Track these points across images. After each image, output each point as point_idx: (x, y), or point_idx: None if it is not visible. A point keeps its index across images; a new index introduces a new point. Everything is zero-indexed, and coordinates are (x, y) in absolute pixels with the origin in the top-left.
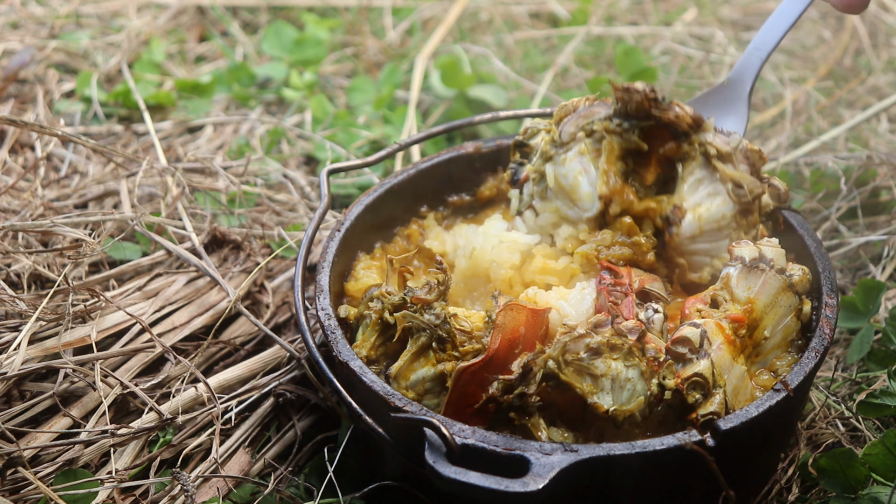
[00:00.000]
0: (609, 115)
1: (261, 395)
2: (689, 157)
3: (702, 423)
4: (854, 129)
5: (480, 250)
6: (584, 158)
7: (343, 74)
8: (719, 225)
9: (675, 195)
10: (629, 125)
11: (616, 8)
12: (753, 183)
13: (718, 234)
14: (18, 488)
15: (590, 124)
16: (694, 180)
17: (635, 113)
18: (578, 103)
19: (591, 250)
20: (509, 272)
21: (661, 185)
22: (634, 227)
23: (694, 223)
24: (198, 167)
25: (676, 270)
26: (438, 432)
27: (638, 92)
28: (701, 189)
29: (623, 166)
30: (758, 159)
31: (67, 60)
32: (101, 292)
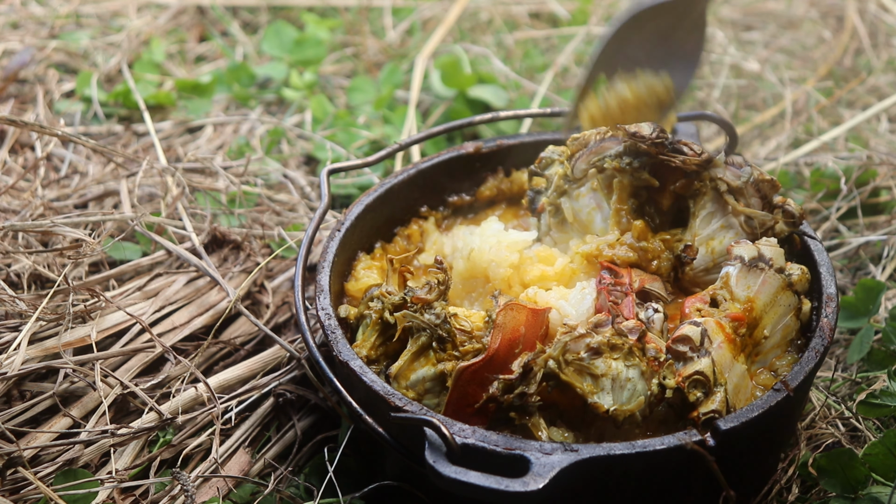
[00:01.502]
0: (619, 152)
1: (261, 395)
2: (701, 192)
3: (702, 422)
4: (854, 129)
5: (478, 251)
6: (598, 195)
7: (343, 74)
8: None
9: (688, 231)
10: (639, 163)
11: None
12: (765, 216)
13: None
14: (18, 488)
15: (600, 161)
16: (706, 214)
17: (644, 153)
18: (590, 138)
19: (593, 250)
20: (508, 271)
21: (677, 213)
22: (646, 231)
23: (707, 256)
24: (198, 167)
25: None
26: (438, 432)
27: (644, 139)
28: (713, 223)
29: (636, 202)
30: (769, 189)
31: (67, 60)
32: (101, 292)
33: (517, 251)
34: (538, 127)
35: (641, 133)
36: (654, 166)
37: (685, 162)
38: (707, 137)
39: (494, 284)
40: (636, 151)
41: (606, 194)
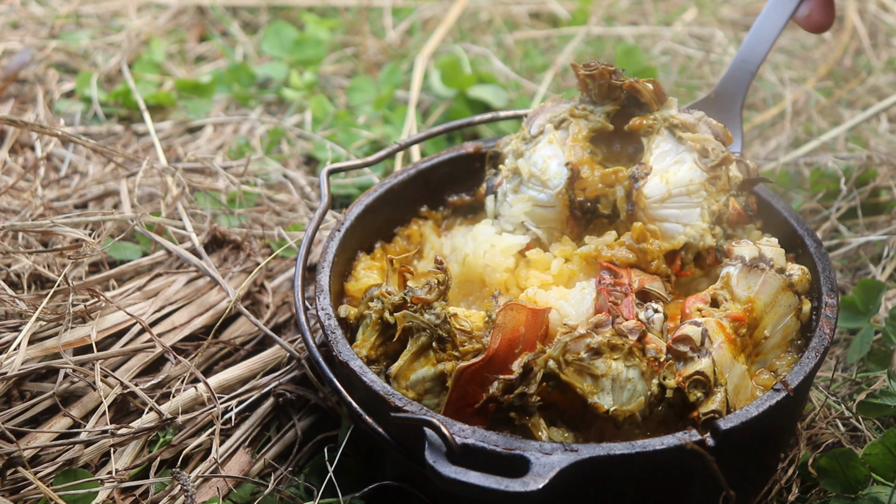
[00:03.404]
0: (575, 104)
1: (261, 395)
2: (654, 130)
3: (702, 422)
4: (854, 129)
5: (473, 255)
6: (554, 145)
7: (343, 74)
8: (688, 190)
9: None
10: (595, 109)
11: (616, 8)
12: (718, 147)
13: (688, 199)
14: (18, 488)
15: (556, 116)
16: (660, 152)
17: (598, 94)
18: (547, 103)
19: (592, 251)
20: (504, 275)
21: (629, 159)
22: (645, 233)
23: (662, 185)
24: (198, 167)
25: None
26: (438, 432)
27: (597, 66)
28: (668, 159)
29: (591, 147)
30: (723, 133)
31: (67, 60)
32: (101, 292)
33: (512, 255)
34: None
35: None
36: (609, 115)
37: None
38: None
39: (491, 289)
40: (592, 101)
41: (562, 143)
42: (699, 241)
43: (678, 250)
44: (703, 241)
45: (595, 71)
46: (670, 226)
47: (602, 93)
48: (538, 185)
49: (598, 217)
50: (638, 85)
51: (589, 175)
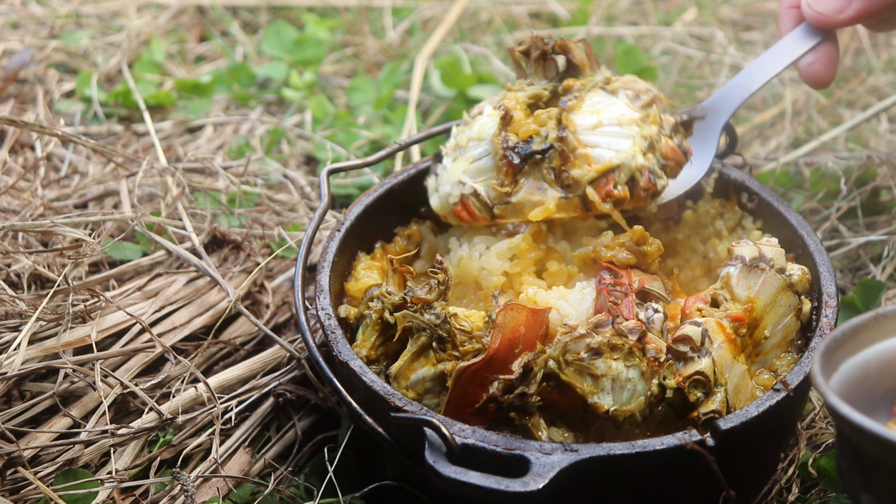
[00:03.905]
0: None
1: (261, 395)
2: (586, 88)
3: (702, 422)
4: (854, 129)
5: (468, 258)
6: (491, 117)
7: (343, 74)
8: (619, 121)
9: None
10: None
11: (616, 8)
12: (650, 89)
13: (619, 129)
14: (18, 488)
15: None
16: (591, 102)
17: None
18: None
19: (590, 252)
20: (501, 279)
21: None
22: (645, 235)
23: (593, 117)
24: (198, 167)
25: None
26: (438, 432)
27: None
28: (600, 104)
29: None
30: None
31: (67, 60)
32: (101, 292)
33: (507, 259)
34: None
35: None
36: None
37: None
38: None
39: (486, 292)
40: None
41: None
42: (630, 161)
43: (610, 171)
44: (635, 160)
45: (527, 45)
46: (600, 151)
47: (538, 68)
48: (474, 144)
49: (532, 156)
50: (568, 43)
51: (521, 118)
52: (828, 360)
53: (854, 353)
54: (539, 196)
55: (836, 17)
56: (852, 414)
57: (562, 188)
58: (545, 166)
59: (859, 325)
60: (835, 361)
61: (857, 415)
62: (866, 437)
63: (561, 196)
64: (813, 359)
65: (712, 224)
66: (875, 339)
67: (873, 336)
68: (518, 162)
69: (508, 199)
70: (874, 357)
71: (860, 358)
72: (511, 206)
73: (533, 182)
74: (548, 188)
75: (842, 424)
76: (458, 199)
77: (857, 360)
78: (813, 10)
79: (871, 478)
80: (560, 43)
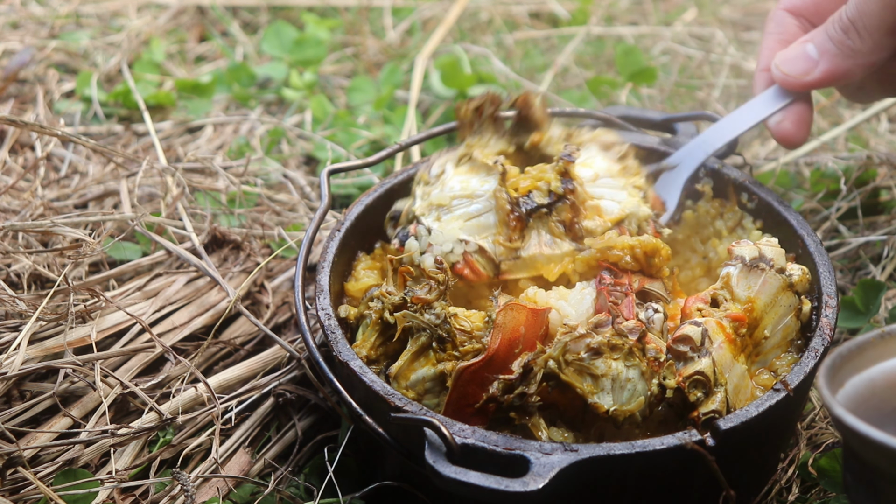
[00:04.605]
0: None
1: (261, 395)
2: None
3: (702, 422)
4: (854, 129)
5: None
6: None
7: (343, 74)
8: (610, 173)
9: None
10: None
11: (616, 8)
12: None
13: (612, 181)
14: (18, 488)
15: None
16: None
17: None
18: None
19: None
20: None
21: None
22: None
23: (587, 170)
24: (198, 167)
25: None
26: (438, 432)
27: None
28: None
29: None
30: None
31: (67, 60)
32: (101, 292)
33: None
34: None
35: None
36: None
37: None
38: None
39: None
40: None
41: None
42: (638, 210)
43: (622, 222)
44: (641, 210)
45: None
46: (606, 203)
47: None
48: (465, 202)
49: (537, 210)
50: (530, 98)
51: (516, 172)
52: (834, 374)
53: (860, 371)
54: (550, 250)
55: (802, 78)
56: (858, 424)
57: (573, 240)
58: (553, 220)
59: (865, 342)
60: (841, 377)
61: (862, 425)
62: (872, 447)
63: (574, 248)
64: (819, 373)
65: (712, 224)
66: (881, 358)
67: (879, 354)
68: (526, 219)
69: (518, 254)
70: (880, 375)
71: (866, 375)
72: (521, 262)
73: (539, 236)
74: (559, 241)
75: (847, 436)
76: (459, 257)
77: (863, 378)
78: (781, 71)
79: (876, 489)
80: (522, 98)
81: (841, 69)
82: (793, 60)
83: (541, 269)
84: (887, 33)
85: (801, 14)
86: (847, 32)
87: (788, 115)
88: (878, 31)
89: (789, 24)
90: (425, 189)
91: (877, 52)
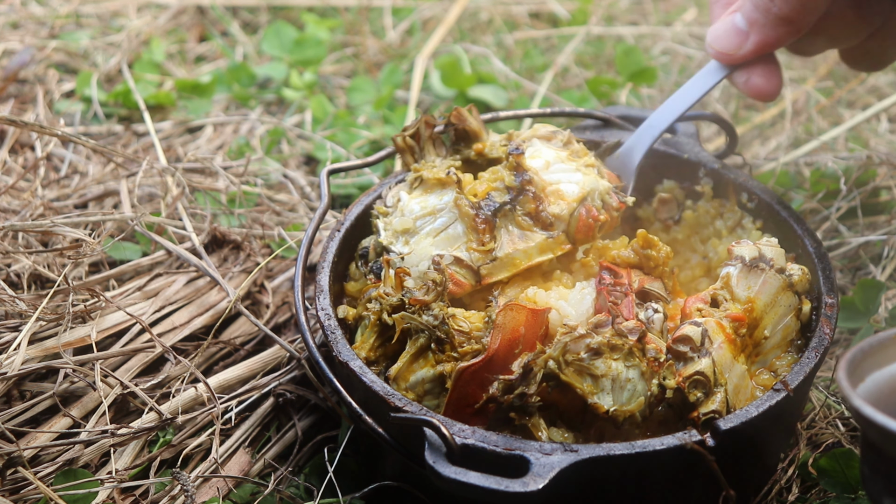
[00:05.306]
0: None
1: (261, 395)
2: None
3: (702, 422)
4: (854, 129)
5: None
6: (419, 197)
7: (343, 74)
8: (559, 158)
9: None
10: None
11: (616, 8)
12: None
13: (564, 165)
14: (18, 488)
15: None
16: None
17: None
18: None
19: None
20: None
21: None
22: (651, 240)
23: (538, 160)
24: (198, 167)
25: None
26: (438, 432)
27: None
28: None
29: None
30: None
31: (67, 60)
32: (101, 292)
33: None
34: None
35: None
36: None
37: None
38: (707, 137)
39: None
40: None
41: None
42: (597, 185)
43: (585, 199)
44: (600, 184)
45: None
46: (565, 186)
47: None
48: (428, 219)
49: (501, 209)
50: (462, 112)
51: (470, 180)
52: (854, 369)
53: (881, 367)
54: (524, 243)
55: (736, 52)
56: (875, 415)
57: (543, 229)
58: (518, 214)
59: (887, 338)
60: (861, 372)
61: (880, 416)
62: (890, 438)
63: (546, 237)
64: (839, 366)
65: (712, 224)
66: None
67: None
68: (491, 217)
69: (494, 255)
70: None
71: (887, 372)
72: (499, 262)
73: (509, 233)
74: (528, 234)
75: (865, 427)
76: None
77: (885, 374)
78: (713, 48)
79: (893, 480)
80: (455, 114)
81: (772, 38)
82: (724, 36)
83: (520, 264)
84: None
85: None
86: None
87: (754, 70)
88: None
89: None
90: (386, 221)
91: (805, 15)
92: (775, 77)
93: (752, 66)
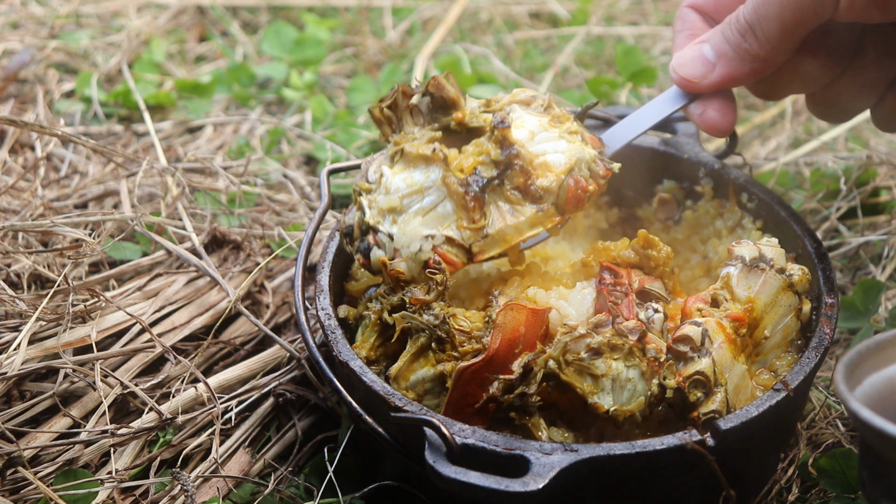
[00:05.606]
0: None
1: (261, 395)
2: (475, 114)
3: (702, 422)
4: (854, 129)
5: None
6: (401, 172)
7: (343, 74)
8: (543, 126)
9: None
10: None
11: (616, 8)
12: (534, 94)
13: (549, 134)
14: (18, 488)
15: (385, 157)
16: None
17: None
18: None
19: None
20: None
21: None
22: (652, 240)
23: (521, 130)
24: (198, 167)
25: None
26: (438, 432)
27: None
28: (517, 121)
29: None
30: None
31: (67, 60)
32: (101, 292)
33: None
34: None
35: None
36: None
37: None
38: (707, 137)
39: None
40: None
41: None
42: (583, 154)
43: (572, 169)
44: (586, 152)
45: (391, 99)
46: (551, 157)
47: (407, 116)
48: (416, 197)
49: (489, 185)
50: (440, 80)
51: (455, 155)
52: (851, 371)
53: (879, 369)
54: (514, 218)
55: (700, 81)
56: (873, 418)
57: (533, 203)
58: (507, 188)
59: (885, 341)
60: (859, 374)
61: (879, 420)
62: (887, 441)
63: (536, 210)
64: (836, 368)
65: (712, 224)
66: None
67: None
68: (480, 193)
69: (485, 232)
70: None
71: (885, 374)
72: (490, 239)
73: (499, 209)
74: (519, 208)
75: (863, 430)
76: (430, 253)
77: (882, 376)
78: (678, 74)
79: (892, 484)
80: (432, 82)
81: (738, 73)
82: (690, 63)
83: (511, 240)
84: (784, 37)
85: (702, 10)
86: (744, 35)
87: (710, 103)
88: (775, 36)
89: (695, 20)
90: (370, 198)
91: (774, 55)
92: (730, 113)
93: (709, 99)
